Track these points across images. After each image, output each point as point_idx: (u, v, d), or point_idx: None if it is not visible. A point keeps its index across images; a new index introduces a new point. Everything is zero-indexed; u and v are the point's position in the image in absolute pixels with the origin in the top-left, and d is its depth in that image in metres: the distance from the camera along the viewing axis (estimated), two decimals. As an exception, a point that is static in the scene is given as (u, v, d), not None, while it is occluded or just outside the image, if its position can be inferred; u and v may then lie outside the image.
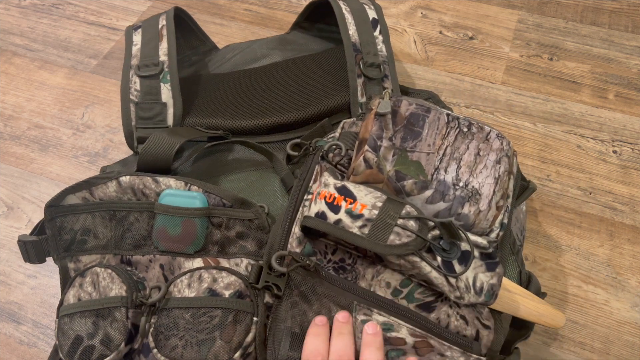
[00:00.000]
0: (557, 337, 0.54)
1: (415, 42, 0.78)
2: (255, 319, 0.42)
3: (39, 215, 0.64)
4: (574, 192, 0.63)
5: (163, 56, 0.56)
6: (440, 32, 0.79)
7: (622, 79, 0.72)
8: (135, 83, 0.55)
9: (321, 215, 0.40)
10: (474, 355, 0.40)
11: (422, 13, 0.82)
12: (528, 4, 0.82)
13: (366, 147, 0.43)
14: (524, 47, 0.77)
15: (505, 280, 0.43)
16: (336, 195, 0.40)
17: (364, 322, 0.40)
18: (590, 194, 0.63)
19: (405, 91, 0.60)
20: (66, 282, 0.47)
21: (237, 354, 0.40)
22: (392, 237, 0.38)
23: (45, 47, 0.81)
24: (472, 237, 0.40)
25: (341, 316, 0.40)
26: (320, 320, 0.41)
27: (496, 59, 0.76)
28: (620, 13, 0.80)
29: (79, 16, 0.85)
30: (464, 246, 0.39)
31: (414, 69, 0.75)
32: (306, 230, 0.43)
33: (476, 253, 0.40)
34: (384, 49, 0.58)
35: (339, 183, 0.41)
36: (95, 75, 0.77)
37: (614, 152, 0.66)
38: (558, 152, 0.66)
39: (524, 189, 0.51)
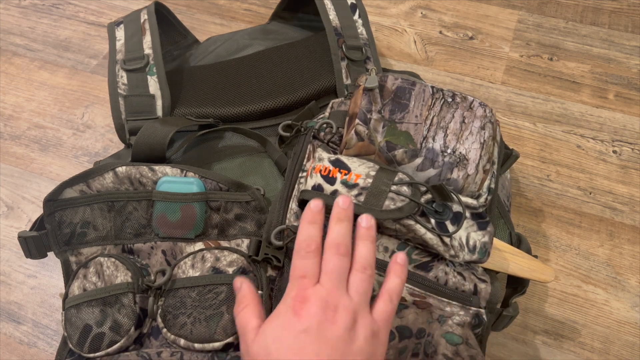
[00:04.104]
0: (557, 337, 0.54)
1: (415, 42, 0.78)
2: (259, 292, 0.43)
3: (39, 215, 0.64)
4: (573, 192, 0.63)
5: (147, 49, 0.57)
6: (440, 32, 0.79)
7: (622, 79, 0.72)
8: (122, 77, 0.56)
9: (318, 188, 0.41)
10: (474, 308, 0.41)
11: (422, 13, 0.82)
12: (528, 4, 0.82)
13: (357, 120, 0.44)
14: (524, 47, 0.77)
15: (495, 240, 0.45)
16: (331, 168, 0.42)
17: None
18: (590, 194, 0.63)
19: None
20: (69, 276, 0.48)
21: None
22: (386, 202, 0.40)
23: (45, 47, 0.81)
24: (463, 199, 0.41)
25: (342, 201, 0.38)
26: (315, 206, 0.38)
27: (496, 59, 0.76)
28: (620, 13, 0.80)
29: (79, 16, 0.85)
30: (456, 208, 0.41)
31: (414, 69, 0.75)
32: (303, 205, 0.44)
33: (467, 214, 0.41)
34: (364, 32, 0.59)
35: (333, 156, 0.43)
36: (95, 75, 0.77)
37: (614, 152, 0.66)
38: (558, 152, 0.66)
39: (507, 156, 0.52)
